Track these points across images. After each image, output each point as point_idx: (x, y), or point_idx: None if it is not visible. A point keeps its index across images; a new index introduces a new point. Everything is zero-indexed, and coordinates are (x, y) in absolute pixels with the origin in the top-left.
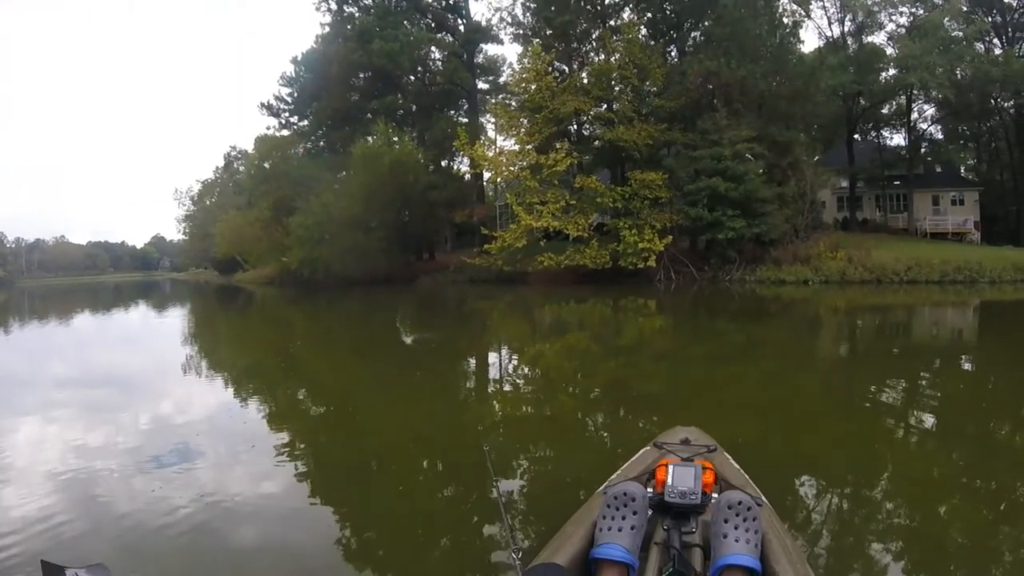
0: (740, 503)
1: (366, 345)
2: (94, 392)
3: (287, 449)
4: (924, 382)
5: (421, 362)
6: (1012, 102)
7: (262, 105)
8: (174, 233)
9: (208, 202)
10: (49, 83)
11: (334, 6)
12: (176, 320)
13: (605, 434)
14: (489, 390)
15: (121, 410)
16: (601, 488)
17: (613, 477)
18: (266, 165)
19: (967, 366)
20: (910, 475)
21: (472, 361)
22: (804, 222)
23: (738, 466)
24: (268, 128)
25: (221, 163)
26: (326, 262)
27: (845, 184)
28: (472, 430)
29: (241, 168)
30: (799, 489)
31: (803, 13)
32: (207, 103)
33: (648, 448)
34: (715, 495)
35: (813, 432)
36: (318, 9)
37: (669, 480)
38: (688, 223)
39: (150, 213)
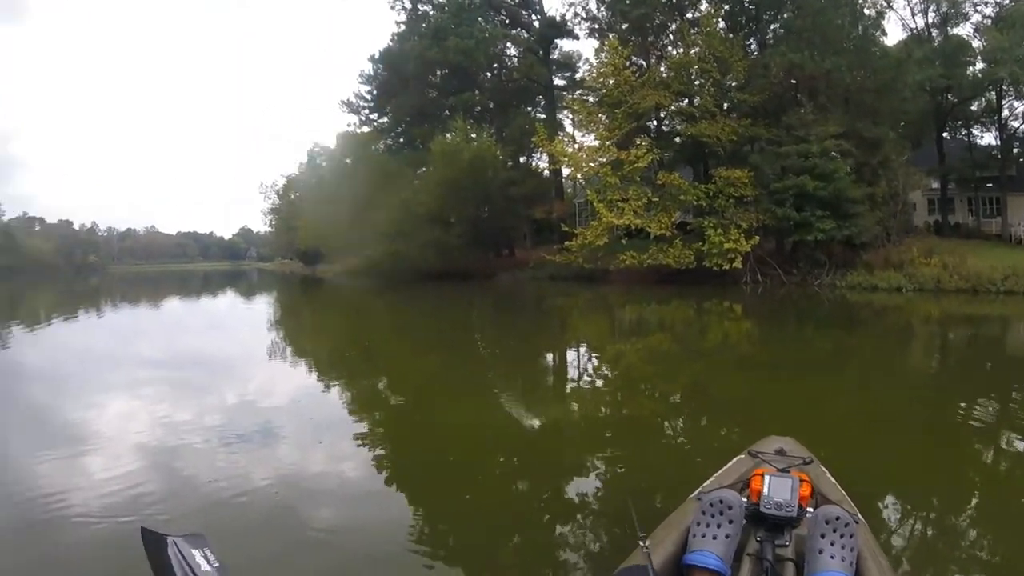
0: (838, 519)
1: (445, 339)
2: (182, 372)
3: (365, 435)
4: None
5: (499, 358)
6: None
7: (343, 103)
8: (260, 225)
9: (292, 196)
10: (143, 80)
11: (408, 4)
12: (262, 307)
13: (691, 440)
14: (568, 389)
15: (207, 390)
16: (695, 494)
17: (707, 484)
18: (348, 161)
19: None
20: (1011, 501)
21: (551, 358)
22: (896, 225)
23: (834, 480)
24: (349, 125)
25: (304, 159)
26: (406, 256)
27: (935, 185)
28: (551, 429)
29: (324, 164)
30: (891, 508)
31: (885, 3)
32: (291, 100)
33: (743, 456)
34: (811, 509)
35: (907, 448)
36: (392, 8)
37: (765, 490)
38: (775, 223)
39: (237, 206)
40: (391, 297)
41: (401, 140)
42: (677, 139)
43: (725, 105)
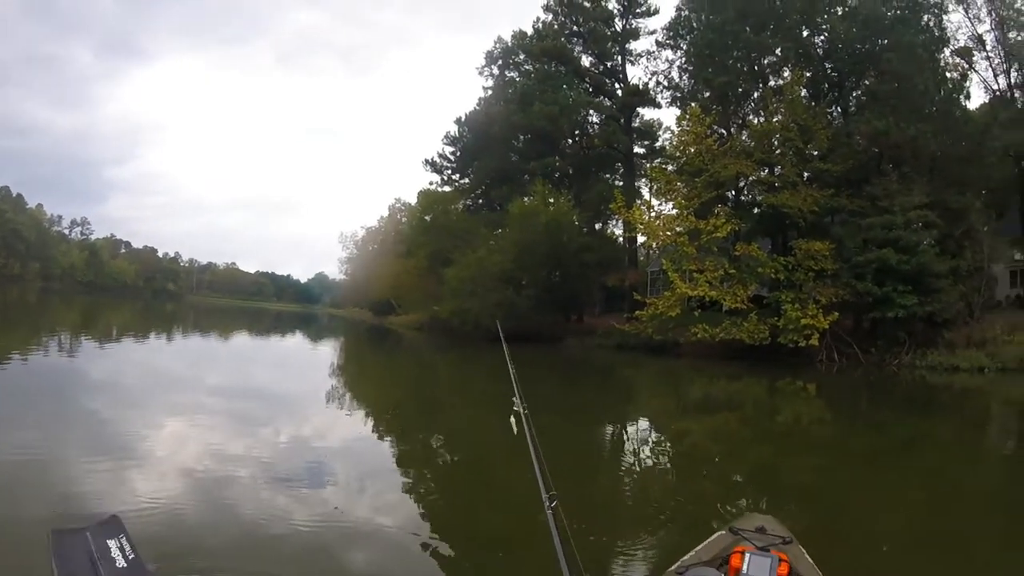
0: None
1: (502, 403)
2: (241, 404)
3: (413, 487)
4: None
5: (557, 426)
6: None
7: (426, 162)
8: (335, 272)
9: (371, 248)
10: (239, 121)
11: (496, 71)
12: (328, 351)
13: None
14: (622, 467)
15: (262, 424)
16: (674, 568)
17: (686, 558)
18: (427, 218)
19: None
20: None
21: (609, 431)
22: (980, 301)
23: (812, 562)
24: (431, 183)
25: (385, 213)
26: (475, 314)
27: (1019, 257)
28: (594, 504)
29: (403, 219)
30: None
31: (967, 66)
32: (376, 157)
33: (723, 532)
34: None
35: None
36: (481, 73)
37: (744, 568)
38: (854, 298)
39: (316, 252)
40: (456, 354)
41: (480, 201)
42: (756, 209)
43: (807, 175)
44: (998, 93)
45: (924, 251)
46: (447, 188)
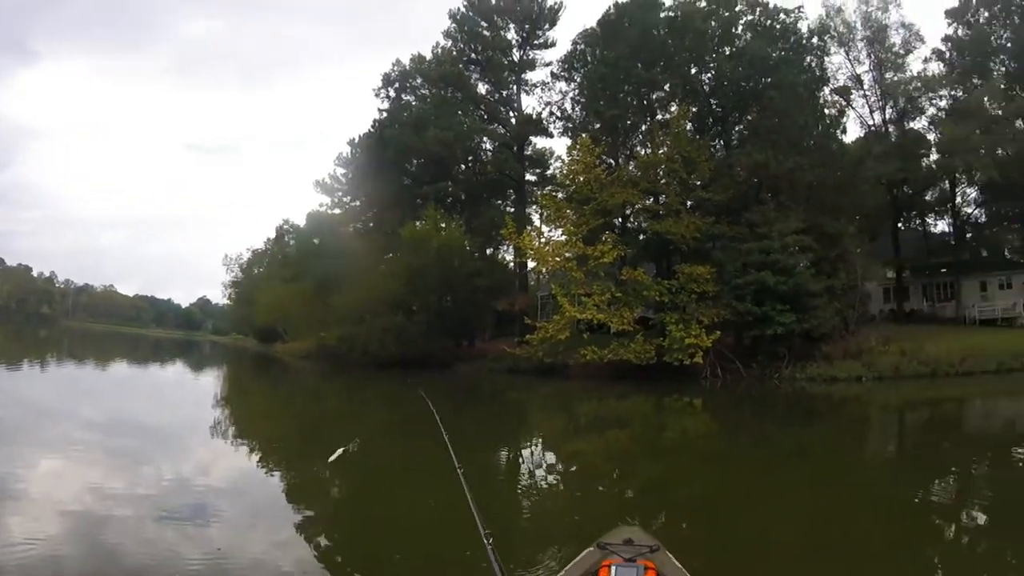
0: None
1: (395, 429)
2: (119, 439)
3: (303, 526)
4: (978, 487)
5: (445, 451)
6: None
7: (317, 183)
8: (219, 297)
9: (256, 271)
10: (122, 135)
11: (393, 93)
12: (210, 381)
13: None
14: (519, 488)
15: (143, 461)
16: None
17: None
18: (316, 241)
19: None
20: None
21: (503, 455)
22: (854, 316)
23: (680, 565)
24: (321, 205)
25: (272, 235)
26: (365, 341)
27: (891, 275)
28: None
29: (291, 241)
30: None
31: (844, 103)
32: (266, 176)
33: (591, 549)
34: None
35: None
36: (377, 95)
37: None
38: (735, 318)
39: (199, 275)
40: (344, 382)
41: (371, 225)
42: (642, 236)
43: (690, 203)
44: (873, 128)
45: (800, 272)
46: (338, 210)
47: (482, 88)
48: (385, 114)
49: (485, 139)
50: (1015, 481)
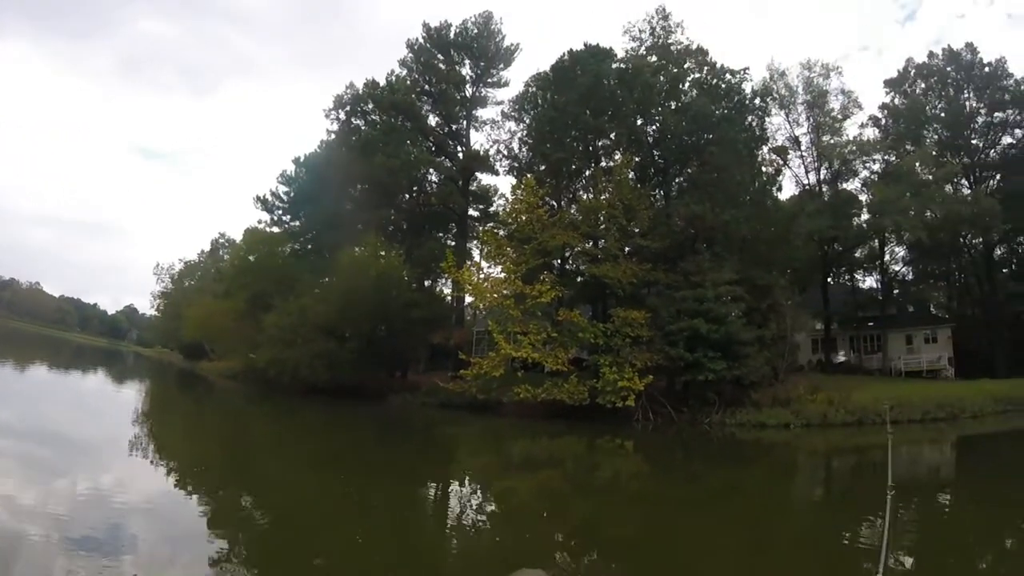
0: None
1: (320, 460)
2: (33, 447)
3: (226, 557)
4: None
5: (373, 488)
6: (980, 239)
7: (257, 199)
8: (147, 307)
9: (187, 283)
10: (59, 129)
11: (343, 116)
12: (133, 396)
13: None
14: (450, 525)
15: (58, 474)
16: None
17: None
18: (251, 258)
19: (945, 506)
20: None
21: (431, 491)
22: (784, 365)
23: None
24: (260, 222)
25: (207, 247)
26: (295, 365)
27: (820, 326)
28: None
29: (226, 256)
30: None
31: (781, 162)
32: (205, 186)
33: None
34: None
35: None
36: (327, 116)
37: None
38: (668, 363)
39: (128, 282)
40: (271, 407)
41: (309, 246)
42: (580, 278)
43: (628, 249)
44: (807, 187)
45: (732, 321)
46: (276, 229)
47: (432, 120)
48: (334, 136)
49: (431, 171)
50: (938, 524)
